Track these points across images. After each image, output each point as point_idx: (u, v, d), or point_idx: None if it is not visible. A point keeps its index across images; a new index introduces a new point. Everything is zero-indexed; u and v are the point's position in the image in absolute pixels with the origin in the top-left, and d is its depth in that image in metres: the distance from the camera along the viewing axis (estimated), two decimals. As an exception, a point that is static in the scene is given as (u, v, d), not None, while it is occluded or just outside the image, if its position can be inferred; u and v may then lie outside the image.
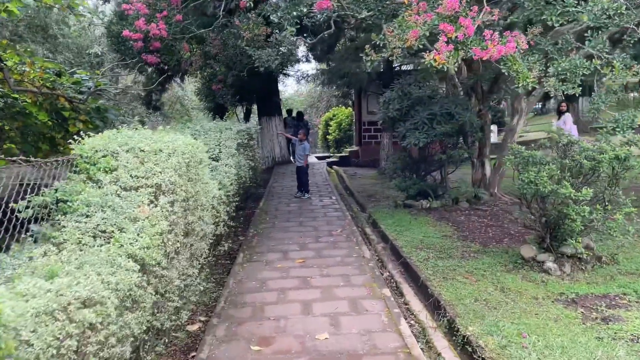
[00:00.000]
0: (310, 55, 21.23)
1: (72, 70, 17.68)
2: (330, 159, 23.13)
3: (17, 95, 16.41)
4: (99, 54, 26.70)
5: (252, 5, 8.04)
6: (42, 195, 3.83)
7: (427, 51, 5.66)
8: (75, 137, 4.55)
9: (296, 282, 6.54)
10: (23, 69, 15.73)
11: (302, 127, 20.23)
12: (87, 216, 3.79)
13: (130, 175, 4.23)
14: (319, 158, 24.58)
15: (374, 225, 9.89)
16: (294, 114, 22.77)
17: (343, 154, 23.05)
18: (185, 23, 9.04)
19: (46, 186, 4.17)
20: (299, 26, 7.17)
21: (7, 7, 15.62)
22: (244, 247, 8.20)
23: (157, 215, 3.94)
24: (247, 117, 23.55)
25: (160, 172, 4.29)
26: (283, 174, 17.72)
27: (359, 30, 12.89)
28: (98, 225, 3.69)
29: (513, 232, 8.61)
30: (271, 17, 6.86)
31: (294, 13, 6.45)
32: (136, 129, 5.03)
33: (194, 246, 5.22)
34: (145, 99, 19.28)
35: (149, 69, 16.47)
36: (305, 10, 6.54)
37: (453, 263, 7.03)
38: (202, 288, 5.64)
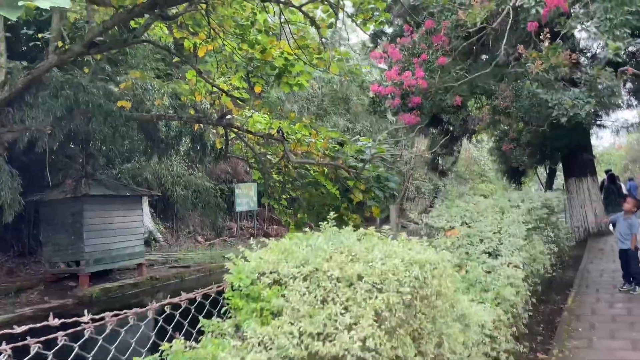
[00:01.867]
0: (631, 99, 17.02)
1: (355, 138, 17.19)
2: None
3: (309, 167, 16.42)
4: (394, 120, 26.69)
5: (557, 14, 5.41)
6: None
7: None
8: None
9: None
10: (309, 139, 15.67)
11: (613, 191, 16.06)
12: None
13: (298, 332, 2.27)
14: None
15: None
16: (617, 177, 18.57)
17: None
18: (456, 69, 7.08)
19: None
20: (630, 39, 4.52)
21: (298, 81, 15.81)
22: (542, 385, 5.46)
23: None
24: (550, 180, 20.07)
25: (352, 326, 2.23)
26: (600, 250, 13.86)
27: None
28: None
29: None
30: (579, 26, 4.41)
31: (624, 17, 3.91)
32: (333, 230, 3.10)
33: None
34: (431, 164, 17.76)
35: (433, 131, 14.93)
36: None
37: None
38: None
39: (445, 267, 2.70)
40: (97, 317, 2.12)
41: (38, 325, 2.00)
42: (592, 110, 5.56)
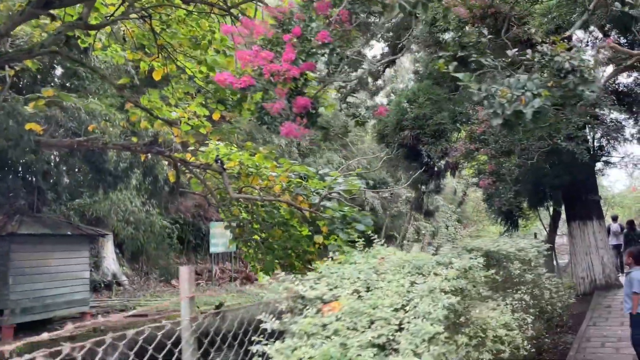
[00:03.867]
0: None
1: (324, 172, 15.33)
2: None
3: (280, 206, 14.51)
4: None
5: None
6: None
7: None
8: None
9: None
10: (270, 173, 13.82)
11: (632, 238, 14.04)
12: None
13: None
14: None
15: None
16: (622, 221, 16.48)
17: None
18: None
19: None
20: None
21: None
22: None
23: None
24: (554, 223, 17.95)
25: None
26: (607, 308, 11.69)
27: None
28: None
29: None
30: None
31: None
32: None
33: None
34: (414, 203, 15.76)
35: (412, 164, 13.05)
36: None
37: None
38: None
39: None
40: None
41: None
42: (548, 106, 3.56)
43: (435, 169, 12.97)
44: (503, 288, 5.79)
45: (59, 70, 17.54)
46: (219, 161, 10.78)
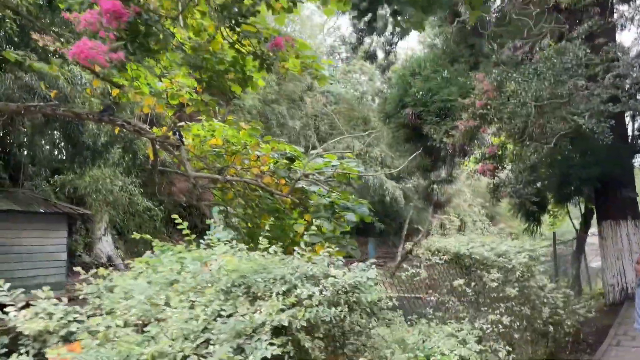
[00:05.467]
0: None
1: (316, 153, 13.89)
2: None
3: (273, 191, 13.06)
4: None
5: None
6: None
7: None
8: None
9: None
10: (257, 152, 12.47)
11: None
12: None
13: None
14: None
15: None
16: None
17: None
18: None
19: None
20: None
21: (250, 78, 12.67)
22: None
23: None
24: (586, 222, 15.97)
25: None
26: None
27: None
28: None
29: None
30: None
31: None
32: None
33: None
34: (422, 193, 14.08)
35: (416, 145, 11.43)
36: None
37: None
38: None
39: None
40: None
41: None
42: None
43: (442, 153, 11.28)
44: (475, 306, 4.24)
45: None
46: (177, 133, 9.41)
